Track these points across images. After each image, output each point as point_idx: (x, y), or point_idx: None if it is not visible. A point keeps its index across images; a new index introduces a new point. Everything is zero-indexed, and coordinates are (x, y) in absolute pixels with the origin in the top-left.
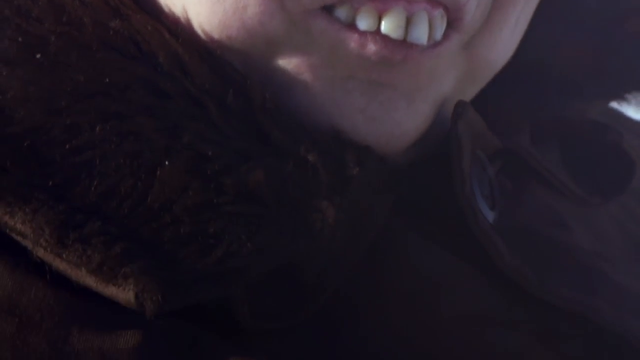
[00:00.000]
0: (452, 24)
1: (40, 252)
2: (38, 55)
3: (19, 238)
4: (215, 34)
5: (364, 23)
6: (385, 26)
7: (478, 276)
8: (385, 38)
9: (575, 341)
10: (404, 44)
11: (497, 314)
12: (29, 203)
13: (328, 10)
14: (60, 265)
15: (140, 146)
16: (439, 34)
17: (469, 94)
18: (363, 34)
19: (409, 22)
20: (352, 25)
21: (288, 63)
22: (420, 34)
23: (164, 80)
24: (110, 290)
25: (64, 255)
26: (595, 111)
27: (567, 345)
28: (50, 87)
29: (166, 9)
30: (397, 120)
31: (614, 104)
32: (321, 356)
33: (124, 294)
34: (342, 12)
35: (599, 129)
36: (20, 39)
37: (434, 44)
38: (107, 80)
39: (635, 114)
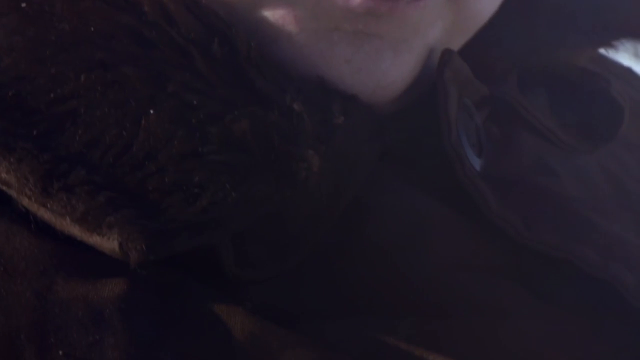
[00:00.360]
0: None
1: (24, 202)
2: (23, 5)
3: (3, 187)
4: None
5: None
6: None
7: (465, 224)
8: None
9: (562, 288)
10: None
11: (483, 261)
12: (13, 152)
13: None
14: (44, 214)
15: (125, 95)
16: None
17: (456, 44)
18: None
19: None
20: None
21: (273, 15)
22: None
23: (149, 29)
24: (95, 240)
25: (48, 205)
26: (584, 58)
27: (554, 293)
28: (35, 37)
29: None
30: (383, 70)
31: (602, 51)
32: (306, 304)
33: (108, 243)
34: None
35: (587, 76)
36: None
37: None
38: (92, 29)
39: (624, 60)
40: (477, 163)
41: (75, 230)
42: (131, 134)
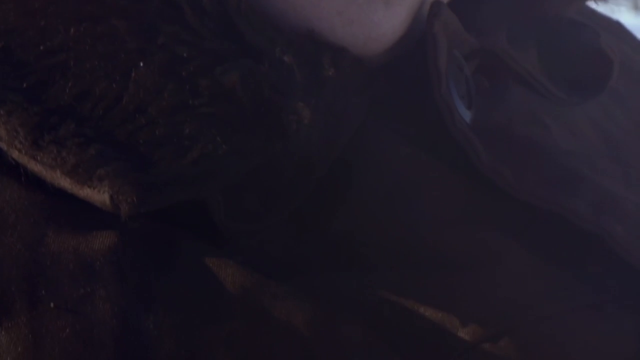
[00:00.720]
0: None
1: (14, 154)
2: None
3: None
4: None
5: None
6: None
7: (455, 176)
8: None
9: (552, 241)
10: None
11: (474, 213)
12: (2, 105)
13: None
14: (35, 167)
15: (114, 48)
16: None
17: None
18: None
19: None
20: None
21: None
22: None
23: None
24: (85, 192)
25: (38, 157)
26: (572, 10)
27: (545, 245)
28: None
29: None
30: (374, 22)
31: (591, 3)
32: (297, 257)
33: (99, 195)
34: None
35: (576, 28)
36: None
37: None
38: None
39: (623, 13)
40: (466, 115)
41: (66, 183)
42: (121, 87)
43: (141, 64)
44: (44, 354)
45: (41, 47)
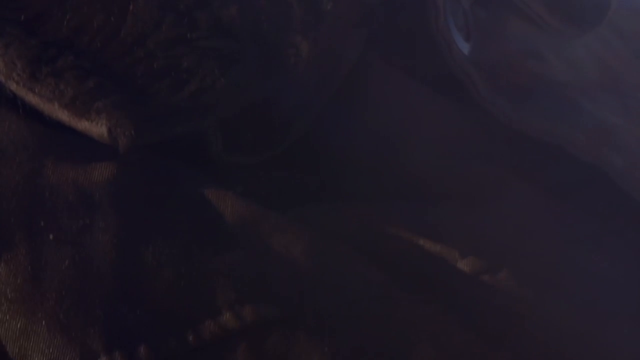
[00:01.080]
0: None
1: (12, 87)
2: None
3: None
4: None
5: None
6: None
7: (455, 110)
8: None
9: (551, 172)
10: None
11: (473, 146)
12: (0, 37)
13: None
14: (33, 99)
15: None
16: None
17: None
18: None
19: None
20: None
21: None
22: None
23: None
24: (83, 125)
25: (36, 90)
26: None
27: (544, 178)
28: None
29: None
30: None
31: None
32: (296, 190)
33: (97, 128)
34: None
35: None
36: None
37: None
38: None
39: None
40: (464, 47)
41: (64, 116)
42: (119, 20)
43: None
44: (43, 285)
45: None
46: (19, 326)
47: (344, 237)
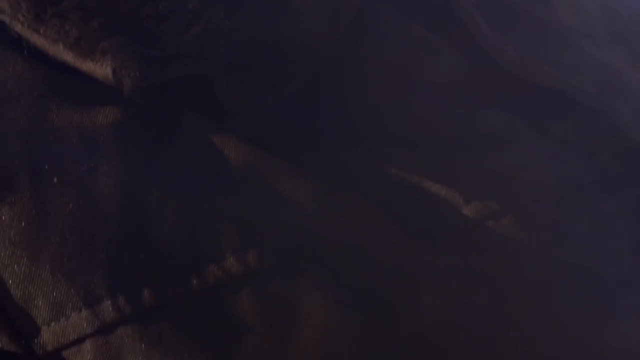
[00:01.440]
0: None
1: (17, 28)
2: None
3: None
4: None
5: None
6: None
7: (460, 55)
8: None
9: (558, 119)
10: None
11: (479, 92)
12: None
13: None
14: (37, 40)
15: None
16: None
17: None
18: None
19: None
20: None
21: None
22: None
23: None
24: (88, 66)
25: (41, 31)
26: None
27: (550, 124)
28: None
29: None
30: None
31: None
32: (301, 135)
33: (101, 69)
34: None
35: None
36: None
37: None
38: None
39: None
40: None
41: (69, 57)
42: None
43: None
44: (47, 228)
45: None
46: (22, 270)
47: (349, 181)
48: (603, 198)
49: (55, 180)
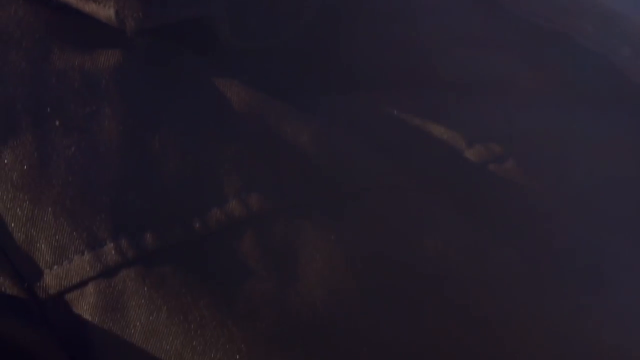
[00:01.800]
0: None
1: None
2: None
3: None
4: None
5: None
6: None
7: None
8: None
9: (558, 61)
10: None
11: (480, 35)
12: None
13: None
14: None
15: None
16: None
17: None
18: None
19: None
20: None
21: None
22: None
23: None
24: (91, 7)
25: None
26: None
27: (550, 66)
28: None
29: None
30: None
31: None
32: (303, 78)
33: (104, 10)
34: None
35: None
36: None
37: None
38: None
39: None
40: None
41: None
42: None
43: None
44: (49, 171)
45: None
46: (25, 213)
47: (352, 124)
48: (606, 140)
49: (57, 123)
